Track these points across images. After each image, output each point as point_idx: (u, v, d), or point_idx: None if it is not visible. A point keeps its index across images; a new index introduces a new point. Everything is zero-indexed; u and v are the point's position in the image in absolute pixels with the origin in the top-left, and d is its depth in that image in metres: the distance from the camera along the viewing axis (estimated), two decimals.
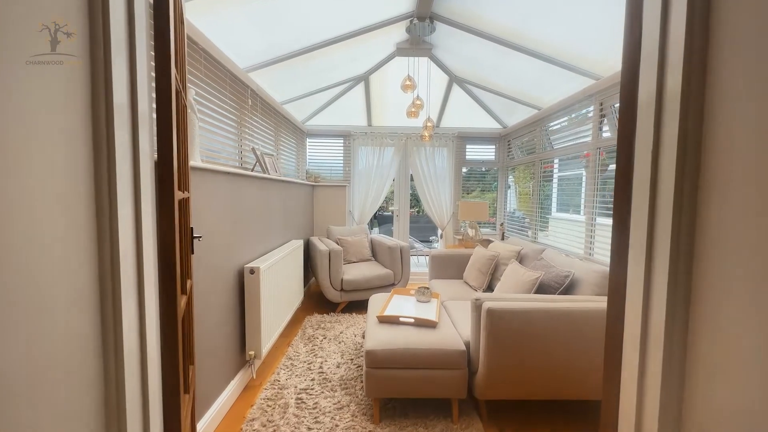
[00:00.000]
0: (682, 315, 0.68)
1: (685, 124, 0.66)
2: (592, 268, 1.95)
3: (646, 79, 0.75)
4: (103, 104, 0.67)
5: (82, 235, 0.65)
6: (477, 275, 2.75)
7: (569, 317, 1.61)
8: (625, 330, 0.81)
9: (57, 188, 0.59)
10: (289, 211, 3.23)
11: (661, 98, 0.71)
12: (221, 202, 1.82)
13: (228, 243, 1.91)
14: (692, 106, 0.66)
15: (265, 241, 2.55)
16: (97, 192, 0.68)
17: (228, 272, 1.91)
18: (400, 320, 1.97)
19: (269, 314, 2.23)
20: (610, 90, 2.48)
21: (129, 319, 0.73)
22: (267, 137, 3.04)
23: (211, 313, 1.73)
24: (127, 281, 0.72)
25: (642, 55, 0.76)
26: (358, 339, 2.71)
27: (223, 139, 2.24)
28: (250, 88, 2.52)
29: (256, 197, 2.36)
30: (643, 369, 0.73)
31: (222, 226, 1.83)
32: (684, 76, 0.66)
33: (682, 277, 0.67)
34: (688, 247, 0.67)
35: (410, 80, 2.66)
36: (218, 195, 1.78)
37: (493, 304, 1.62)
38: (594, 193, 2.64)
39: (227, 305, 1.91)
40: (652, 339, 0.72)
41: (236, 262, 2.02)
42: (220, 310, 1.83)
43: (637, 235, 0.77)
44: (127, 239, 0.72)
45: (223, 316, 1.86)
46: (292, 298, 2.89)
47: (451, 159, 4.43)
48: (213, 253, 1.73)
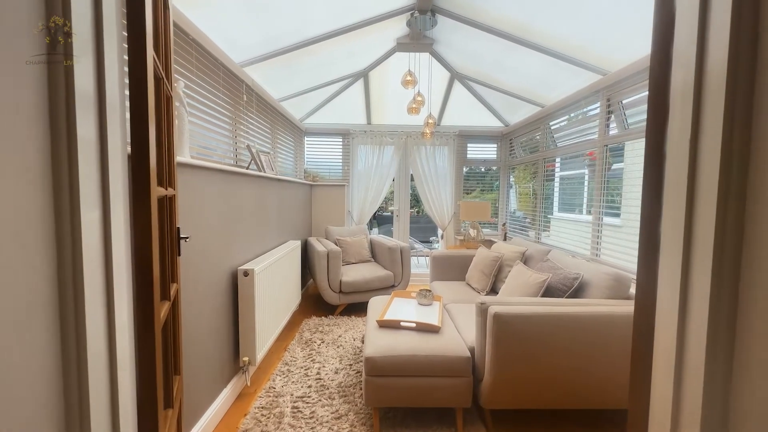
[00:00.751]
0: (726, 327, 0.59)
1: (732, 106, 0.57)
2: (602, 270, 1.86)
3: (681, 57, 0.66)
4: (63, 92, 0.58)
5: (38, 239, 0.56)
6: (480, 277, 2.66)
7: (581, 322, 1.52)
8: (656, 342, 0.72)
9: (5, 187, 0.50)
10: (286, 211, 3.14)
11: (701, 79, 0.62)
12: (213, 200, 1.73)
13: (221, 244, 1.82)
14: (740, 86, 0.57)
15: (261, 242, 2.46)
16: (56, 190, 0.59)
17: (221, 274, 1.83)
18: (401, 325, 1.88)
19: (264, 318, 2.14)
20: (618, 85, 2.40)
21: (94, 329, 0.64)
22: (263, 135, 2.95)
23: (203, 317, 1.64)
24: (92, 288, 0.63)
25: (676, 30, 0.67)
26: (357, 343, 2.62)
27: (217, 136, 2.15)
28: (245, 84, 2.43)
29: (251, 196, 2.28)
30: (679, 393, 0.64)
31: (214, 226, 1.74)
32: (731, 51, 0.57)
33: (727, 282, 0.59)
34: (735, 250, 0.58)
35: (411, 75, 2.57)
36: (210, 193, 1.69)
37: (500, 309, 1.54)
38: (601, 193, 2.56)
39: (220, 309, 1.82)
40: (689, 354, 0.63)
41: (230, 264, 1.93)
42: (213, 315, 1.74)
43: (670, 236, 0.68)
44: (93, 241, 0.63)
45: (215, 321, 1.77)
46: (288, 300, 2.80)
47: (452, 158, 4.34)
48: (205, 255, 1.65)
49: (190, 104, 1.78)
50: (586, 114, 2.73)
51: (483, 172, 4.96)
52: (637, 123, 2.36)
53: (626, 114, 2.44)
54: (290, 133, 3.80)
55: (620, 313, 1.55)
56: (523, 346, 1.54)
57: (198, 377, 1.59)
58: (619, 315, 1.54)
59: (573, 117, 2.98)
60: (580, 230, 3.19)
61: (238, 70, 2.31)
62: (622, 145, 2.86)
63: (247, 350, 1.98)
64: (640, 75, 2.21)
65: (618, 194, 4.27)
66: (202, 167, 1.58)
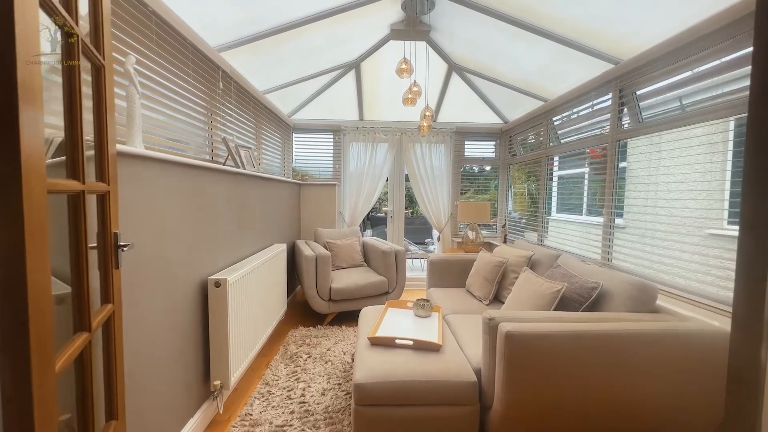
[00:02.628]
0: None
1: None
2: (623, 279, 1.64)
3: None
4: None
5: None
6: (482, 284, 2.44)
7: (611, 342, 1.30)
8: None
9: None
10: (270, 212, 2.89)
11: None
12: (177, 200, 1.48)
13: (186, 250, 1.56)
14: None
15: (240, 246, 2.20)
16: None
17: (187, 286, 1.57)
18: (397, 343, 1.64)
19: (241, 334, 1.88)
20: (632, 75, 2.19)
21: None
22: (245, 129, 2.69)
23: (161, 338, 1.38)
24: None
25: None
26: (348, 358, 2.38)
27: (188, 128, 1.89)
28: (221, 70, 2.17)
29: (227, 195, 2.02)
30: None
31: (178, 229, 1.49)
32: None
33: None
34: None
35: (406, 63, 2.34)
36: (172, 191, 1.44)
37: (513, 327, 1.30)
38: (612, 192, 2.35)
39: (186, 326, 1.56)
40: None
41: (199, 274, 1.67)
42: (175, 334, 1.48)
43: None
44: None
45: (178, 341, 1.51)
46: (271, 311, 2.54)
47: (449, 156, 4.12)
48: (164, 264, 1.39)
49: (150, 87, 1.53)
50: (594, 107, 2.52)
51: (477, 172, 4.75)
52: (654, 116, 2.15)
53: (640, 106, 2.24)
54: (277, 129, 3.54)
55: (657, 330, 1.33)
56: (541, 370, 1.31)
57: (155, 410, 1.33)
58: (656, 333, 1.32)
59: (580, 111, 2.78)
60: (580, 232, 2.99)
61: (213, 54, 2.06)
62: (624, 143, 2.66)
63: (220, 372, 1.72)
64: (658, 63, 2.01)
65: (621, 194, 4.10)
66: (158, 160, 1.33)
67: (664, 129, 1.98)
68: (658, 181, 2.41)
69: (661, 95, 2.07)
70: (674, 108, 1.99)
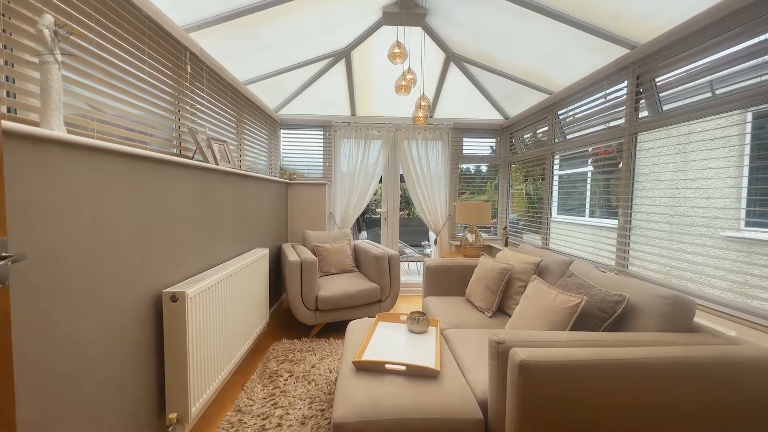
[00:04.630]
0: None
1: None
2: (651, 291, 1.40)
3: None
4: None
5: None
6: (484, 293, 2.19)
7: (652, 372, 1.05)
8: None
9: None
10: (250, 214, 2.62)
11: None
12: (119, 198, 1.22)
13: (136, 259, 1.30)
14: None
15: (209, 252, 1.94)
16: None
17: (132, 302, 1.30)
18: (387, 368, 1.38)
19: (206, 355, 1.62)
20: (651, 60, 1.96)
21: None
22: (223, 123, 2.43)
23: (93, 367, 1.12)
24: None
25: None
26: (334, 376, 2.12)
27: (147, 115, 1.63)
28: (189, 51, 1.91)
29: (194, 194, 1.76)
30: None
31: (121, 234, 1.23)
32: None
33: None
34: None
35: (400, 47, 2.10)
36: (109, 188, 1.18)
37: (529, 355, 1.05)
38: (629, 191, 2.11)
39: (131, 350, 1.30)
40: None
41: (151, 286, 1.41)
42: (115, 360, 1.22)
43: None
44: None
45: (121, 369, 1.24)
46: (249, 324, 2.27)
47: (447, 154, 3.88)
48: (97, 277, 1.13)
49: (92, 64, 1.26)
50: (607, 97, 2.29)
51: (472, 173, 4.52)
52: (678, 106, 1.92)
53: (660, 96, 2.01)
54: (263, 125, 3.28)
55: (709, 358, 1.08)
56: (563, 409, 1.06)
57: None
58: (708, 361, 1.07)
59: (590, 103, 2.54)
60: (586, 235, 2.76)
61: (178, 32, 1.79)
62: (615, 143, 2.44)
63: (177, 403, 1.45)
64: (682, 45, 1.78)
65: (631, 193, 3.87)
66: (87, 147, 1.07)
67: (694, 118, 1.74)
68: (679, 177, 2.18)
69: (688, 82, 1.83)
70: (703, 95, 1.76)
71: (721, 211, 2.02)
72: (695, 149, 1.90)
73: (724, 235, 2.45)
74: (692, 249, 1.81)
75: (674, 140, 2.03)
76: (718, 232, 2.44)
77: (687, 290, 1.70)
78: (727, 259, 1.65)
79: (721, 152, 2.17)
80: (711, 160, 1.88)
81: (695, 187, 1.93)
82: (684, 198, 2.18)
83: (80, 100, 1.21)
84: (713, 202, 1.99)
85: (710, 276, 1.68)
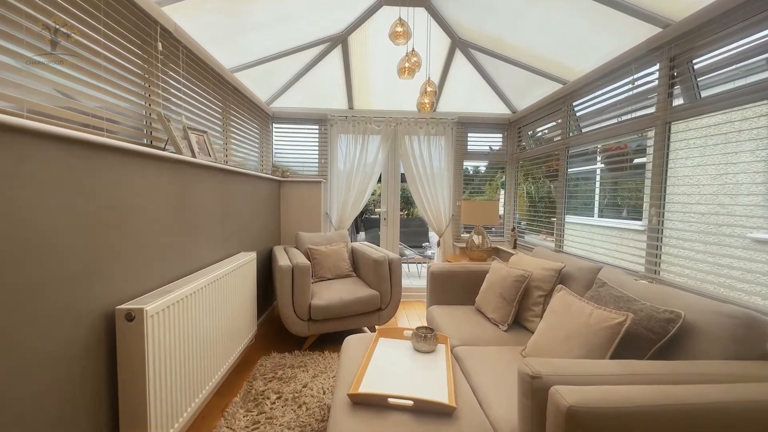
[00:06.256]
0: None
1: None
2: (714, 307, 1.14)
3: None
4: None
5: None
6: (498, 303, 1.94)
7: (747, 420, 0.81)
8: None
9: None
10: (235, 214, 2.37)
11: None
12: (52, 194, 0.96)
13: (77, 267, 1.04)
14: None
15: (184, 257, 1.68)
16: None
17: (75, 322, 1.05)
18: (390, 402, 1.13)
19: (174, 381, 1.36)
20: (688, 39, 1.72)
21: None
22: (205, 113, 2.17)
23: (17, 414, 0.86)
24: None
25: None
26: (329, 398, 1.86)
27: (110, 99, 1.37)
28: (159, 26, 1.65)
29: (162, 190, 1.51)
30: None
31: (55, 236, 0.97)
32: None
33: None
34: None
35: (402, 25, 1.85)
36: (37, 180, 0.92)
37: (580, 398, 0.80)
38: (661, 187, 1.87)
39: (71, 382, 1.04)
40: None
41: (102, 302, 1.15)
42: (51, 400, 0.96)
43: None
44: None
45: (58, 409, 0.99)
46: (232, 339, 2.02)
47: (450, 150, 3.63)
48: (21, 291, 0.87)
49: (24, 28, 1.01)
50: (635, 83, 2.05)
51: (471, 174, 4.28)
52: (719, 91, 1.68)
53: (698, 81, 1.77)
54: (254, 118, 3.02)
55: None
56: None
57: None
58: None
59: (612, 90, 2.30)
60: (598, 236, 2.51)
61: (144, 1, 1.54)
62: (639, 135, 2.21)
63: None
64: (726, 20, 1.54)
65: (635, 194, 3.65)
66: (7, 128, 0.81)
67: (745, 103, 1.50)
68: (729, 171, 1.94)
69: (735, 63, 1.59)
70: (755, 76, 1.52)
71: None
72: (741, 139, 1.66)
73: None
74: (742, 254, 1.56)
75: (715, 129, 1.79)
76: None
77: (742, 303, 1.45)
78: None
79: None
80: (760, 151, 1.64)
81: (748, 182, 1.70)
82: (733, 195, 1.94)
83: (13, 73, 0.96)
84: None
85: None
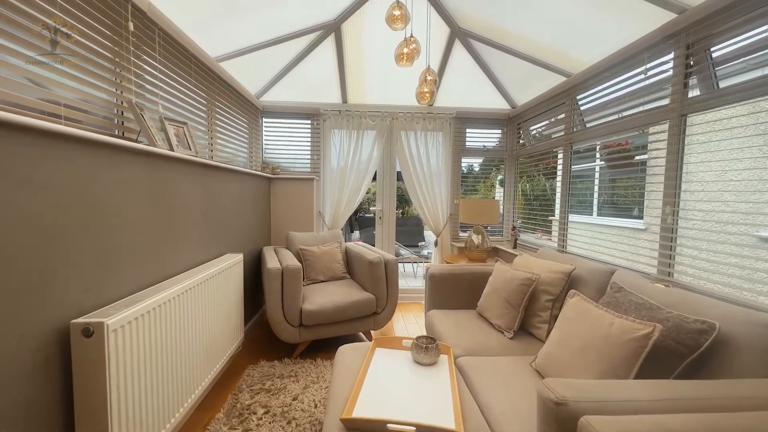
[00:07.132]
0: None
1: None
2: (748, 317, 1.03)
3: None
4: None
5: None
6: (503, 309, 1.81)
7: None
8: None
9: None
10: (221, 212, 2.20)
11: None
12: None
13: (21, 275, 0.89)
14: None
15: (160, 260, 1.53)
16: None
17: (17, 340, 0.89)
18: (389, 428, 0.99)
19: (144, 402, 1.20)
20: (707, 26, 1.60)
21: None
22: (187, 104, 2.00)
23: None
24: None
25: None
26: (320, 413, 1.72)
27: (80, 86, 1.20)
28: (131, 4, 1.49)
29: (135, 186, 1.35)
30: None
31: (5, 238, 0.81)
32: None
33: None
34: None
35: (400, 7, 1.70)
36: None
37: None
38: (676, 184, 1.75)
39: (14, 408, 0.88)
40: None
41: (57, 315, 0.99)
42: None
43: None
44: None
45: None
46: (215, 348, 1.86)
47: (448, 146, 3.50)
48: None
49: None
50: (648, 72, 1.93)
51: (465, 172, 4.13)
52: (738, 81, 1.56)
53: (716, 71, 1.65)
54: (243, 113, 2.86)
55: None
56: None
57: None
58: None
59: (621, 82, 2.18)
60: (602, 235, 2.40)
61: None
62: (640, 132, 2.11)
63: None
64: (749, 4, 1.42)
65: (636, 191, 3.54)
66: None
67: None
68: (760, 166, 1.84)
69: (759, 51, 1.48)
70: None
71: None
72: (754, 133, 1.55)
73: None
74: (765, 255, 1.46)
75: (745, 119, 1.67)
76: None
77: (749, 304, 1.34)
78: None
79: None
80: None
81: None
82: (759, 192, 1.83)
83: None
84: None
85: None
